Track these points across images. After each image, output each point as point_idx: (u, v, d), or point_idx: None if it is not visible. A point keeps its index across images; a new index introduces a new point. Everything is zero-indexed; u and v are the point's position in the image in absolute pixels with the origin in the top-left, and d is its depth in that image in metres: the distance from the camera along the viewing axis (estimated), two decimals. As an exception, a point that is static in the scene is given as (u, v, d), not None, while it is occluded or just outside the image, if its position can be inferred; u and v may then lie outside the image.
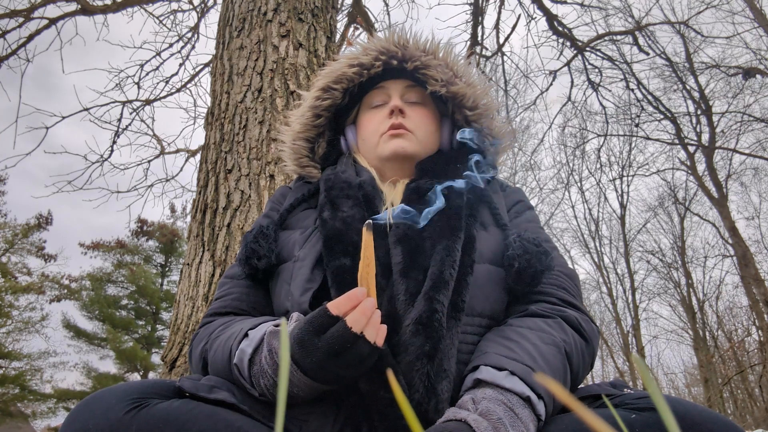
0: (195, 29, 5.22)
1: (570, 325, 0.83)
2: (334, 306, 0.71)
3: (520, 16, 5.46)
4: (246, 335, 0.79)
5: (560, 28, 5.59)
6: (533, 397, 0.70)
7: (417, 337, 0.76)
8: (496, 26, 5.61)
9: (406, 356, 0.76)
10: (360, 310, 0.71)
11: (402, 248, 0.85)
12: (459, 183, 0.96)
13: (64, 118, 4.71)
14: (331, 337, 0.69)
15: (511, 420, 0.67)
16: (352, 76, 1.08)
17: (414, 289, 0.81)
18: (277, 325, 0.78)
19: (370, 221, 0.78)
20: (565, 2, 5.53)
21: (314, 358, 0.70)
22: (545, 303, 0.86)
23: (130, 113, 5.14)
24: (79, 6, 4.49)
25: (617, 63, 6.88)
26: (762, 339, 10.62)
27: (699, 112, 10.91)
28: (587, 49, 6.04)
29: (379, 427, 0.74)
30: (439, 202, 0.91)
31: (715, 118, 10.80)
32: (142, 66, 5.05)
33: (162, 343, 15.16)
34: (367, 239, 0.76)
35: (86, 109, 4.78)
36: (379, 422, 0.74)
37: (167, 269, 16.46)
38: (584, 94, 8.48)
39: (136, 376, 14.68)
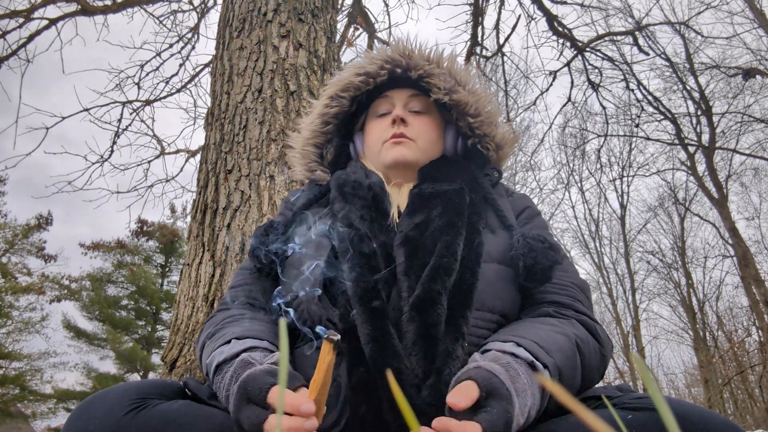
0: (195, 29, 5.22)
1: (584, 326, 0.84)
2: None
3: (520, 16, 5.45)
4: (228, 342, 0.82)
5: (560, 29, 5.59)
6: (538, 364, 0.71)
7: (412, 323, 0.78)
8: (496, 27, 5.61)
9: (405, 342, 0.77)
10: (289, 424, 0.64)
11: (405, 249, 0.87)
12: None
13: (64, 118, 4.71)
14: (248, 414, 0.67)
15: (518, 366, 0.70)
16: (359, 84, 1.12)
17: (415, 284, 0.82)
18: (247, 350, 0.80)
19: (336, 337, 0.68)
20: (565, 2, 5.53)
21: (232, 406, 0.70)
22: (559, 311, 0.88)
23: (130, 113, 5.13)
24: (79, 6, 4.49)
25: (617, 63, 6.87)
26: (762, 339, 10.61)
27: (699, 112, 10.90)
28: (587, 49, 6.04)
29: (390, 421, 0.74)
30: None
31: (715, 119, 10.79)
32: (142, 66, 5.04)
33: (162, 344, 15.15)
34: (328, 354, 0.67)
35: (86, 110, 4.78)
36: (390, 415, 0.74)
37: (167, 269, 16.45)
38: (584, 94, 8.47)
39: (136, 377, 14.67)
